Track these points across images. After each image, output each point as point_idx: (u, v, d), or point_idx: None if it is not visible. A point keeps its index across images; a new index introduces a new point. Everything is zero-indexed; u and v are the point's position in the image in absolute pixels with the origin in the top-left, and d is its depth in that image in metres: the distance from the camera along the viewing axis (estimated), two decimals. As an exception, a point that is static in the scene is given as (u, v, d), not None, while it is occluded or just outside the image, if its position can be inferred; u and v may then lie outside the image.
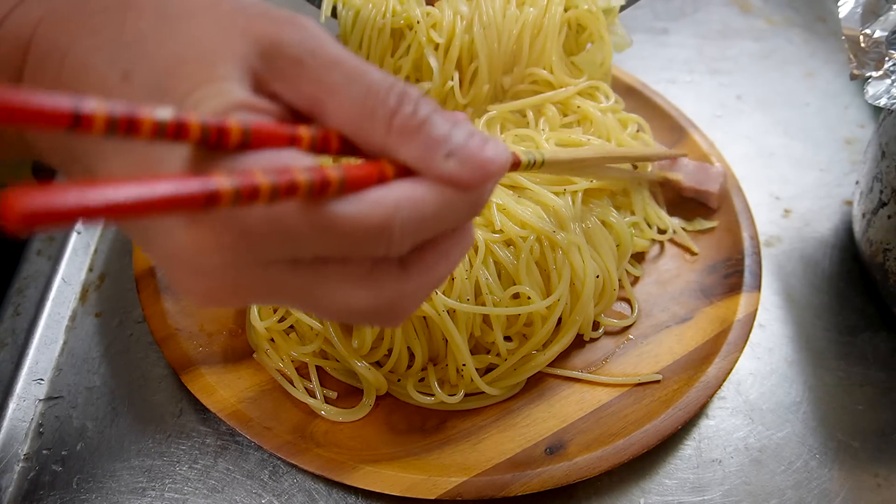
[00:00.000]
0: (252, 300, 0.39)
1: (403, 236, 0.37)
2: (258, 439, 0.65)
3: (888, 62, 0.69)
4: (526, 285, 0.69)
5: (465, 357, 0.67)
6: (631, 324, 0.77)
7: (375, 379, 0.68)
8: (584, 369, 0.74)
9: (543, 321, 0.70)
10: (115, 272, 0.81)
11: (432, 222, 0.39)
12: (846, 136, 1.04)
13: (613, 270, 0.74)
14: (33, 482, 0.65)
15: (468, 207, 0.40)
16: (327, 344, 0.70)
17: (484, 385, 0.68)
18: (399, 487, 0.63)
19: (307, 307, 0.41)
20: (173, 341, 0.70)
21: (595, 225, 0.75)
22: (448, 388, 0.69)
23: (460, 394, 0.69)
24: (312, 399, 0.69)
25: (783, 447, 0.72)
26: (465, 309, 0.67)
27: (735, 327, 0.75)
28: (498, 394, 0.70)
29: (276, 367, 0.70)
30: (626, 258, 0.79)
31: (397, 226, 0.37)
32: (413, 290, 0.41)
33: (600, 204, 0.77)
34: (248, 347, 0.73)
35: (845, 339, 0.81)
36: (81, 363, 0.73)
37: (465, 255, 0.45)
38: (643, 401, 0.70)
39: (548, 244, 0.71)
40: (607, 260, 0.74)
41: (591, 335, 0.75)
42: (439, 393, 0.68)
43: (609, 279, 0.74)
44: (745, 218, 0.85)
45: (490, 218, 0.71)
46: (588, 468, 0.64)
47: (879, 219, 0.78)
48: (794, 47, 1.18)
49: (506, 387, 0.70)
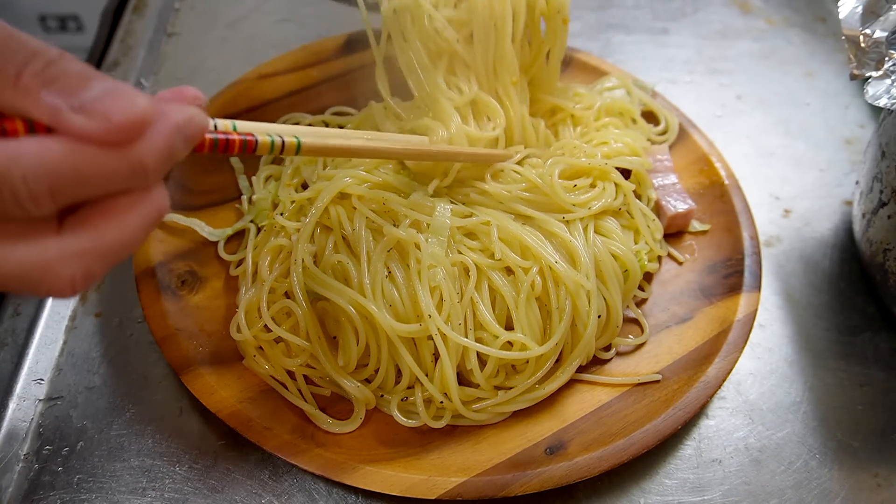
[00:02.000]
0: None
1: (33, 192, 0.36)
2: (258, 439, 0.65)
3: (888, 62, 0.69)
4: (523, 321, 0.68)
5: (450, 386, 0.67)
6: (643, 343, 0.77)
7: (363, 396, 0.68)
8: (584, 370, 0.74)
9: (538, 361, 0.69)
10: (115, 272, 0.81)
11: (72, 179, 0.37)
12: (846, 136, 1.04)
13: (619, 306, 0.73)
14: (33, 482, 0.65)
15: (124, 168, 0.38)
16: (313, 359, 0.70)
17: (470, 413, 0.68)
18: (399, 487, 0.63)
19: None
20: (173, 341, 0.70)
21: (602, 253, 0.73)
22: (434, 408, 0.69)
23: (446, 417, 0.68)
24: (306, 404, 0.69)
25: (783, 447, 0.72)
26: (453, 337, 0.66)
27: (735, 327, 0.75)
28: (485, 418, 0.69)
29: (268, 372, 0.70)
30: (635, 288, 0.77)
31: (18, 179, 0.36)
32: (71, 252, 0.39)
33: (605, 228, 0.76)
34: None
35: (845, 339, 0.81)
36: (81, 363, 0.73)
37: (150, 223, 0.42)
38: (643, 401, 0.70)
39: (551, 279, 0.69)
40: (613, 292, 0.73)
41: (603, 356, 0.75)
42: (423, 414, 0.68)
43: (614, 315, 0.73)
44: (745, 218, 0.85)
45: (489, 245, 0.70)
46: (588, 468, 0.64)
47: (879, 219, 0.78)
48: (794, 47, 1.18)
49: (493, 413, 0.70)
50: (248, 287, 0.75)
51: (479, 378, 0.68)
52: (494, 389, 0.70)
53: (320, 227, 0.74)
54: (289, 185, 0.81)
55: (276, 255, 0.75)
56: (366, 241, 0.70)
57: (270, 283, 0.72)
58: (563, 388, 0.72)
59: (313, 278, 0.70)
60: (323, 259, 0.72)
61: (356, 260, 0.70)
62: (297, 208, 0.77)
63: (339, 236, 0.72)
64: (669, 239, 0.86)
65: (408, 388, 0.70)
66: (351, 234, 0.72)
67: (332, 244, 0.72)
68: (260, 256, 0.75)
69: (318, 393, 0.70)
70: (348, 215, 0.73)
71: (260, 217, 0.80)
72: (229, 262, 0.79)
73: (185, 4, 1.16)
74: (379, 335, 0.68)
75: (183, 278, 0.77)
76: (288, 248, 0.75)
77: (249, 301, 0.72)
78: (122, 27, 1.09)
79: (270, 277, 0.72)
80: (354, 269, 0.70)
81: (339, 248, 0.72)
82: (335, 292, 0.69)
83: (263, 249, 0.75)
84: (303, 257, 0.71)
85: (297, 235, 0.73)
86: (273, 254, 0.75)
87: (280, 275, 0.73)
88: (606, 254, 0.74)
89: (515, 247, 0.70)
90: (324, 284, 0.69)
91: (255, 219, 0.81)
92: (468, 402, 0.69)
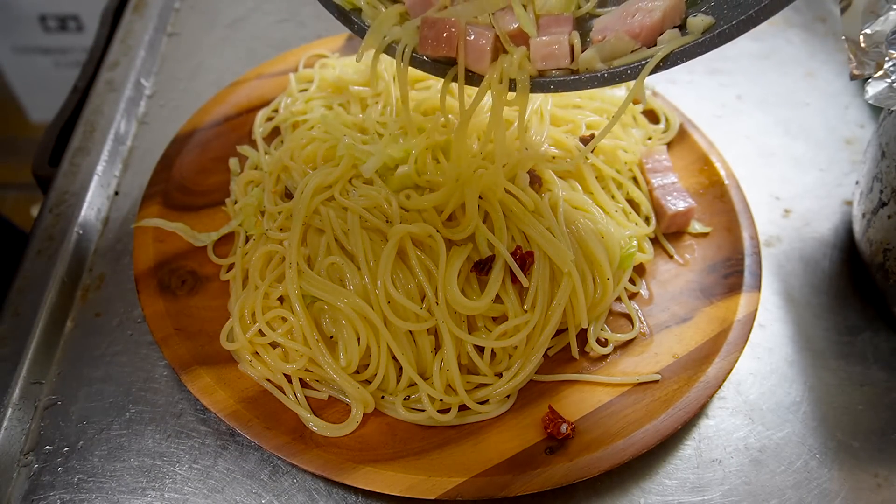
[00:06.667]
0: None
1: None
2: (258, 439, 0.65)
3: (888, 62, 0.69)
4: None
5: (454, 378, 0.68)
6: (635, 337, 0.77)
7: (363, 397, 0.68)
8: (583, 370, 0.74)
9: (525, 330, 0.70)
10: (115, 272, 0.81)
11: None
12: (846, 136, 1.04)
13: (606, 266, 0.74)
14: (33, 482, 0.65)
15: None
16: (311, 363, 0.70)
17: (472, 403, 0.68)
18: (399, 487, 0.63)
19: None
20: (173, 341, 0.70)
21: (587, 230, 0.74)
22: (438, 405, 0.69)
23: (454, 411, 0.68)
24: (301, 408, 0.68)
25: (783, 447, 0.72)
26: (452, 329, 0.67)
27: (735, 327, 0.75)
28: (489, 409, 0.70)
29: (263, 376, 0.70)
30: (619, 261, 0.78)
31: None
32: None
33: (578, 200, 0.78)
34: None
35: (845, 339, 0.81)
36: (81, 363, 0.73)
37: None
38: (643, 401, 0.70)
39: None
40: (598, 255, 0.74)
41: (599, 351, 0.75)
42: (429, 409, 0.68)
43: (602, 279, 0.74)
44: (745, 218, 0.85)
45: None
46: (588, 468, 0.64)
47: (879, 219, 0.78)
48: (794, 47, 1.18)
49: (498, 399, 0.70)
50: (240, 293, 0.75)
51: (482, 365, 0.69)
52: (496, 377, 0.70)
53: (312, 230, 0.74)
54: (273, 192, 0.80)
55: (266, 261, 0.75)
56: (363, 240, 0.71)
57: (264, 289, 0.72)
58: (563, 388, 0.72)
59: (309, 281, 0.70)
60: (317, 262, 0.72)
61: (351, 260, 0.71)
62: (287, 216, 0.77)
63: (332, 238, 0.72)
64: (670, 239, 0.86)
65: (409, 387, 0.70)
66: (344, 237, 0.72)
67: (326, 246, 0.72)
68: (250, 263, 0.75)
69: (314, 397, 0.70)
70: (339, 216, 0.73)
71: (247, 224, 0.80)
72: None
73: (185, 4, 1.16)
74: (379, 334, 0.68)
75: (183, 278, 0.77)
76: (280, 253, 0.74)
77: (241, 307, 0.72)
78: (122, 27, 1.09)
79: (265, 283, 0.72)
80: (351, 271, 0.70)
81: (332, 249, 0.72)
82: (335, 294, 0.69)
83: (255, 255, 0.75)
84: (297, 261, 0.71)
85: (288, 241, 0.73)
86: (264, 260, 0.75)
87: (274, 280, 0.73)
88: (587, 225, 0.75)
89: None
90: (322, 287, 0.69)
91: (243, 224, 0.80)
92: (471, 390, 0.69)
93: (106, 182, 0.89)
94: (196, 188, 0.85)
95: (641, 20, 0.57)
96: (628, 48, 0.57)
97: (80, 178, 0.88)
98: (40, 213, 0.85)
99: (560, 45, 0.58)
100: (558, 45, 0.58)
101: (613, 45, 0.57)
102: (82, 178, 0.88)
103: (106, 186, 0.89)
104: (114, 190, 0.89)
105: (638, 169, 0.88)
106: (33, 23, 2.10)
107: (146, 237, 0.79)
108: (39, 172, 0.90)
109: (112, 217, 0.86)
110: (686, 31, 0.56)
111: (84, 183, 0.87)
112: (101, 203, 0.87)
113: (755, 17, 0.52)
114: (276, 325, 0.71)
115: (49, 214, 0.84)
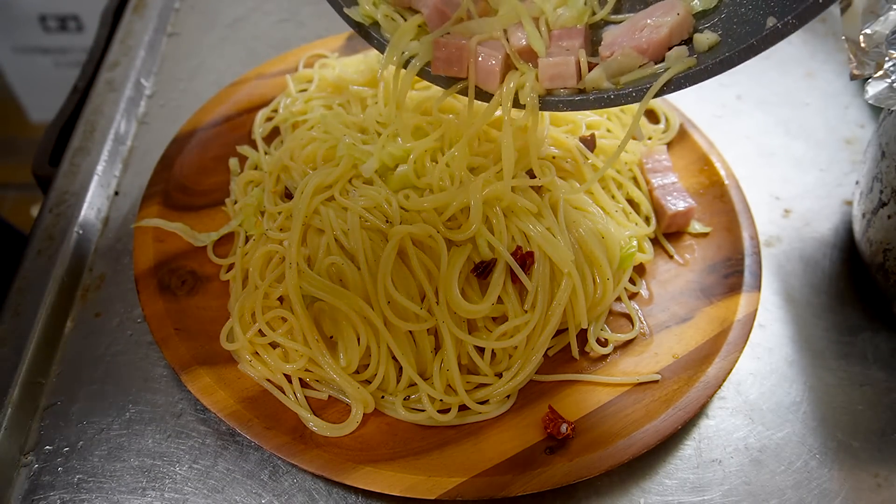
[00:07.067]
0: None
1: None
2: (258, 439, 0.65)
3: (888, 62, 0.69)
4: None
5: (454, 377, 0.68)
6: (635, 337, 0.77)
7: (363, 397, 0.69)
8: (583, 370, 0.74)
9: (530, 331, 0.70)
10: (115, 272, 0.81)
11: None
12: (846, 136, 1.04)
13: (606, 266, 0.74)
14: (34, 482, 0.65)
15: None
16: (311, 363, 0.70)
17: (473, 404, 0.68)
18: (399, 487, 0.63)
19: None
20: (173, 341, 0.70)
21: (588, 231, 0.74)
22: (438, 405, 0.69)
23: (454, 411, 0.68)
24: (301, 409, 0.68)
25: (783, 447, 0.72)
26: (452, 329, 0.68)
27: (735, 327, 0.75)
28: (489, 409, 0.70)
29: (264, 376, 0.70)
30: (619, 262, 0.78)
31: None
32: None
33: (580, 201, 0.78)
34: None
35: (845, 339, 0.81)
36: (81, 363, 0.73)
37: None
38: (643, 401, 0.70)
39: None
40: (598, 254, 0.74)
41: (599, 351, 0.75)
42: (429, 408, 0.68)
43: (603, 279, 0.74)
44: (745, 218, 0.85)
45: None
46: (588, 468, 0.64)
47: (879, 219, 0.78)
48: (794, 47, 1.18)
49: (498, 398, 0.70)
50: (239, 293, 0.75)
51: (482, 365, 0.69)
52: (496, 377, 0.70)
53: (312, 230, 0.74)
54: (273, 192, 0.81)
55: (266, 261, 0.75)
56: (363, 240, 0.71)
57: (264, 289, 0.72)
58: (563, 388, 0.72)
59: (309, 281, 0.70)
60: (317, 262, 0.72)
61: (351, 260, 0.71)
62: (287, 216, 0.77)
63: (332, 238, 0.72)
64: (670, 239, 0.86)
65: (409, 387, 0.70)
66: (344, 237, 0.72)
67: (326, 246, 0.72)
68: (250, 263, 0.75)
69: (314, 397, 0.70)
70: (339, 216, 0.73)
71: (247, 224, 0.80)
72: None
73: (185, 4, 1.16)
74: (379, 334, 0.68)
75: (183, 278, 0.77)
76: (280, 253, 0.74)
77: (241, 307, 0.72)
78: (122, 27, 1.09)
79: (265, 283, 0.72)
80: (351, 271, 0.70)
81: (332, 249, 0.72)
82: (335, 294, 0.69)
83: (254, 255, 0.75)
84: (297, 261, 0.71)
85: (288, 241, 0.73)
86: (264, 260, 0.75)
87: (274, 280, 0.73)
88: (591, 228, 0.75)
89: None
90: (322, 287, 0.69)
91: (243, 224, 0.80)
92: (471, 390, 0.70)
93: (106, 182, 0.89)
94: (196, 188, 0.85)
95: (649, 36, 0.58)
96: (635, 64, 0.59)
97: (80, 178, 0.88)
98: (40, 212, 0.85)
99: (567, 66, 0.60)
100: (566, 66, 0.60)
101: (620, 62, 0.59)
102: (82, 178, 0.88)
103: (106, 186, 0.89)
104: (114, 190, 0.89)
105: (638, 169, 0.88)
106: (33, 23, 2.10)
107: (146, 237, 0.79)
108: (39, 172, 0.90)
109: (112, 217, 0.86)
110: (692, 47, 0.57)
111: (84, 183, 0.87)
112: (101, 203, 0.87)
113: (756, 46, 0.53)
114: (276, 325, 0.71)
115: (49, 214, 0.84)
